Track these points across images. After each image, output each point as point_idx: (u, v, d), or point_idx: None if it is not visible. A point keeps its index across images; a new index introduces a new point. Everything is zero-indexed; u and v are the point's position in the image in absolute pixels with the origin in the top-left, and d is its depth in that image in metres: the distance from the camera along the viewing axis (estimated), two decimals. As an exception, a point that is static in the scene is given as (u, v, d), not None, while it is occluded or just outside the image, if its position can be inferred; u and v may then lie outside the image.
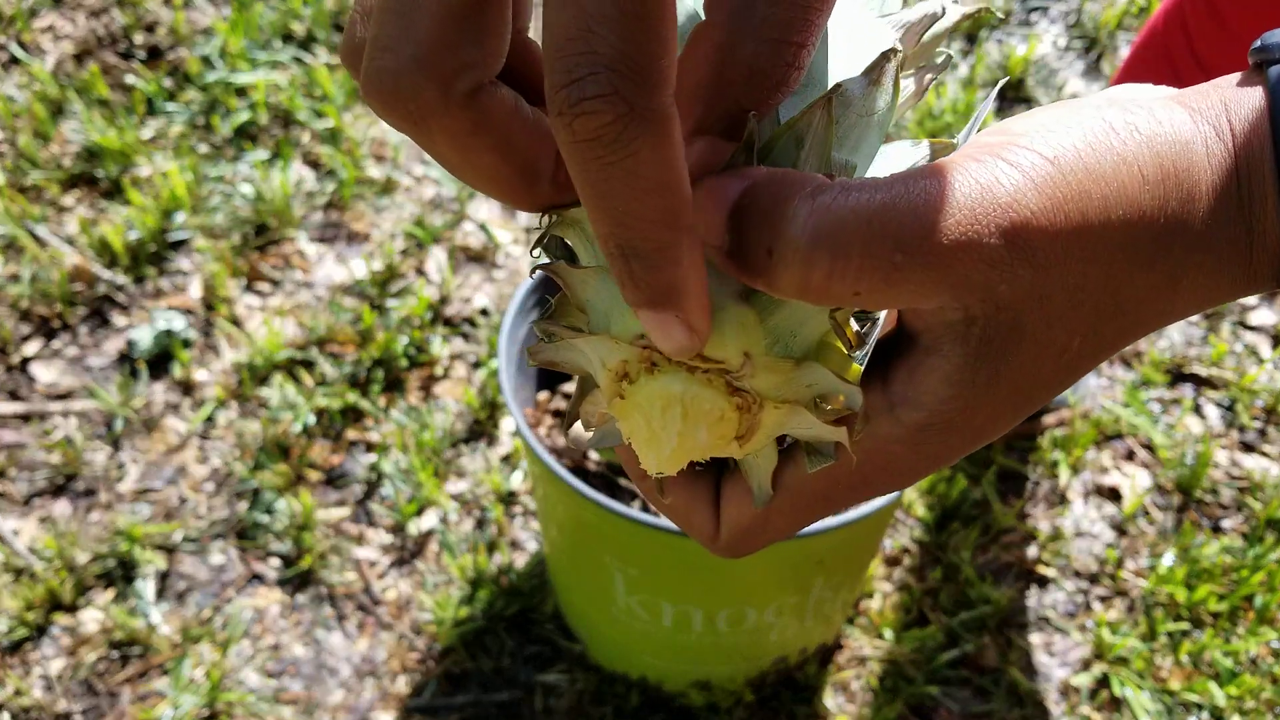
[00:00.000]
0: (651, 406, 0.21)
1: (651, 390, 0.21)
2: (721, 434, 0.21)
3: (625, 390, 0.21)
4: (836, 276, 0.19)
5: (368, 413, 1.12)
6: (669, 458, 0.22)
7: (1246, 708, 0.94)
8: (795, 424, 0.22)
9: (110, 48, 1.49)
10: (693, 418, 0.21)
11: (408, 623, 0.98)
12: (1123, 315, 0.21)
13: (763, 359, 0.21)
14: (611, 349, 0.21)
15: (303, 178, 1.35)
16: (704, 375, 0.21)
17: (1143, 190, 0.20)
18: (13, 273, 1.22)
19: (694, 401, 0.21)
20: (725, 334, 0.20)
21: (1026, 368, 0.20)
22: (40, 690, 0.93)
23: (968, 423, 0.21)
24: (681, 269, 0.19)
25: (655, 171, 0.17)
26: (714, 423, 0.21)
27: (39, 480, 1.07)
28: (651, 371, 0.21)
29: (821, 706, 0.93)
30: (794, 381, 0.21)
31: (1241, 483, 1.12)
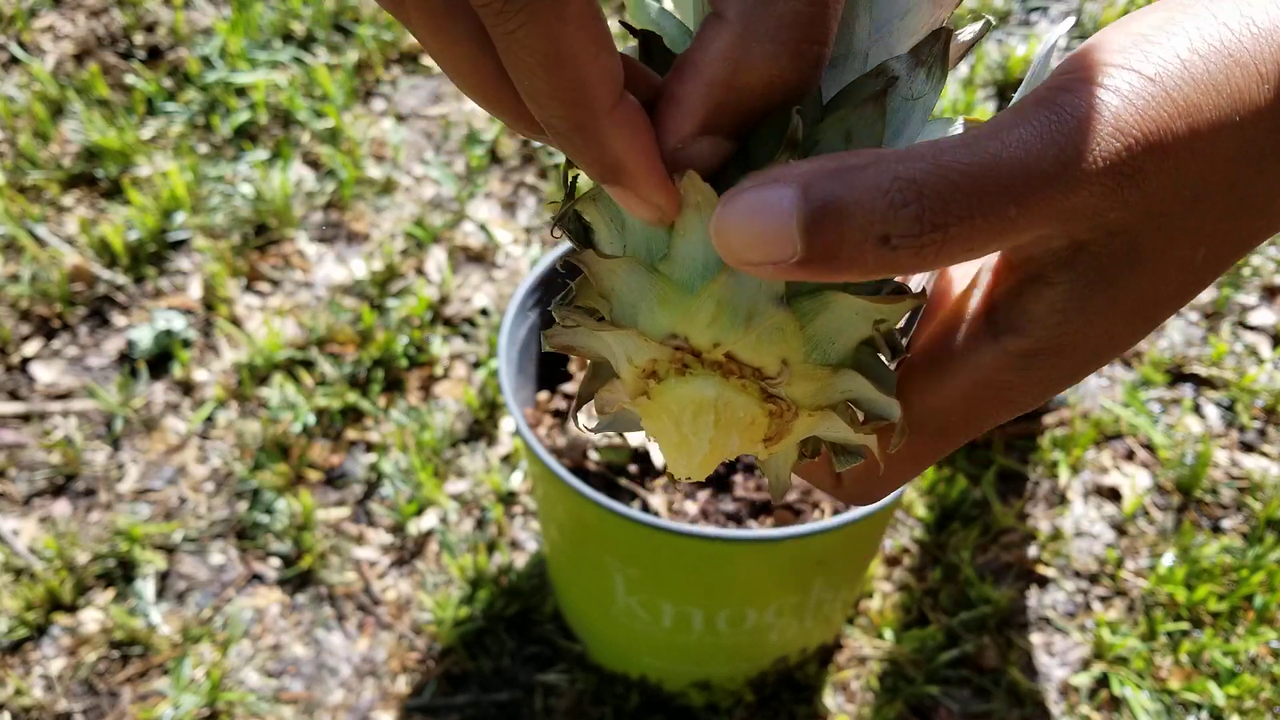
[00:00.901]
0: (682, 410, 0.20)
1: (683, 393, 0.20)
2: (752, 438, 0.21)
3: (653, 389, 0.21)
4: (955, 242, 0.18)
5: (367, 413, 1.12)
6: (699, 464, 0.21)
7: (1246, 707, 0.94)
8: (826, 429, 0.22)
9: (110, 48, 1.49)
10: (725, 424, 0.20)
11: (408, 623, 0.98)
12: (1250, 214, 0.19)
13: (800, 366, 0.20)
14: (640, 346, 0.20)
15: (302, 178, 1.35)
16: (738, 380, 0.20)
17: (1261, 89, 0.18)
18: (12, 272, 1.22)
19: (727, 407, 0.20)
20: (763, 340, 0.20)
21: (1146, 287, 0.19)
22: (40, 690, 0.93)
23: (1081, 347, 0.20)
24: (610, 147, 0.18)
25: (542, 45, 0.17)
26: (746, 428, 0.21)
27: (39, 480, 1.07)
28: (683, 373, 0.20)
29: (821, 706, 0.93)
30: (829, 389, 0.21)
31: (1241, 483, 1.12)
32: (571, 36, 0.17)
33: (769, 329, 0.19)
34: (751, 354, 0.20)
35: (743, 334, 0.19)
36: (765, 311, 0.19)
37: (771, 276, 0.18)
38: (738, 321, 0.19)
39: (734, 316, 0.19)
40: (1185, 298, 0.20)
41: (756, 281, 0.19)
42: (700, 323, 0.20)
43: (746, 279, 0.19)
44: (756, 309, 0.19)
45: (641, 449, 0.81)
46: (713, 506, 0.79)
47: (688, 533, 0.67)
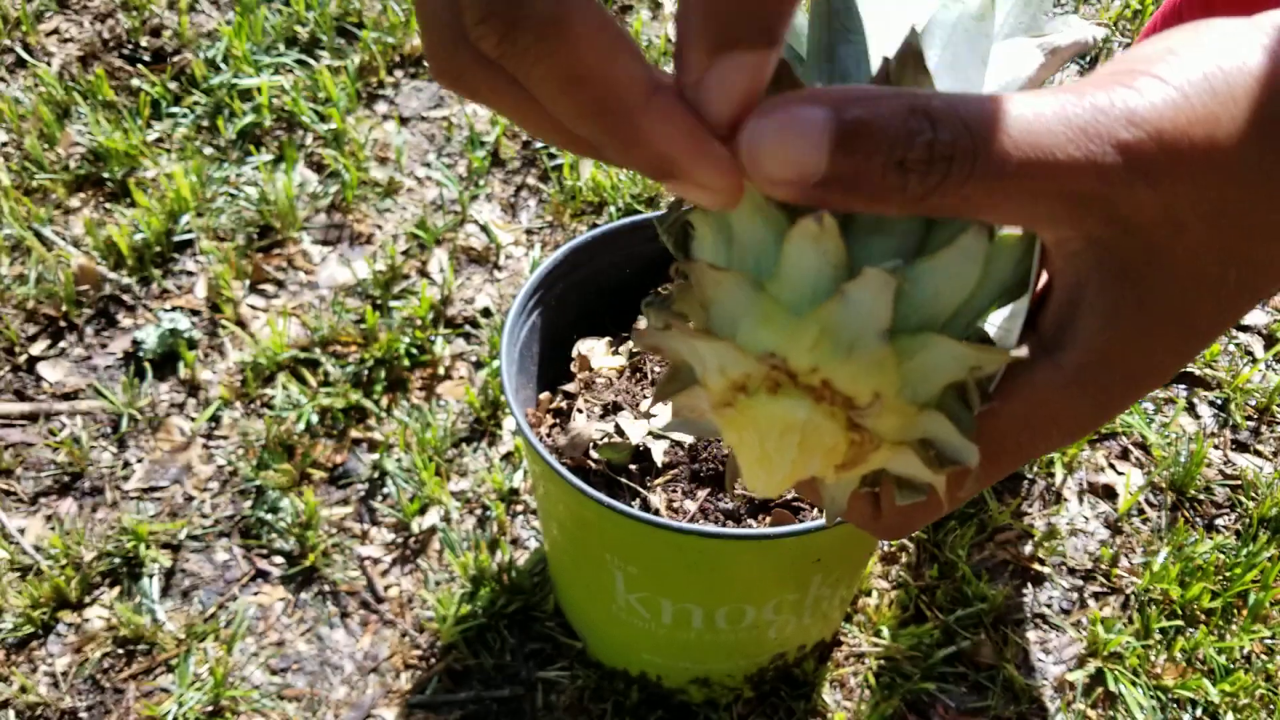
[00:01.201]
0: (769, 428, 0.21)
1: (773, 412, 0.20)
2: (829, 463, 0.21)
3: (740, 403, 0.21)
4: (958, 180, 0.18)
5: (371, 412, 1.13)
6: (778, 482, 0.21)
7: (1240, 704, 0.95)
8: (899, 463, 0.22)
9: (116, 51, 1.50)
10: (809, 446, 0.21)
11: (410, 620, 0.99)
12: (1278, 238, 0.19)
13: (891, 401, 0.20)
14: (736, 359, 0.21)
15: (306, 180, 1.36)
16: (828, 406, 0.20)
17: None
18: (19, 273, 1.24)
19: (814, 432, 0.20)
20: (861, 372, 0.20)
21: (1177, 299, 0.19)
22: (46, 687, 0.94)
23: (1126, 358, 0.20)
24: (651, 146, 0.18)
25: (556, 72, 0.18)
26: (826, 453, 0.21)
27: (45, 479, 1.08)
28: (774, 392, 0.20)
29: (820, 702, 0.94)
30: (913, 427, 0.21)
31: (1235, 481, 1.13)
32: (582, 55, 0.18)
33: (869, 362, 0.20)
34: (847, 384, 0.20)
35: (842, 363, 0.20)
36: (868, 344, 0.20)
37: (793, 198, 0.18)
38: (839, 350, 0.20)
39: (836, 345, 0.20)
40: (1224, 321, 0.20)
41: (863, 314, 0.19)
42: (802, 346, 0.20)
43: (854, 309, 0.19)
44: (859, 341, 0.20)
45: (642, 448, 0.82)
46: (712, 505, 0.80)
47: (687, 530, 0.68)
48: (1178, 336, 0.20)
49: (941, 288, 0.20)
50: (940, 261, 0.20)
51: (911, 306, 0.20)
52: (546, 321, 0.86)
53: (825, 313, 0.19)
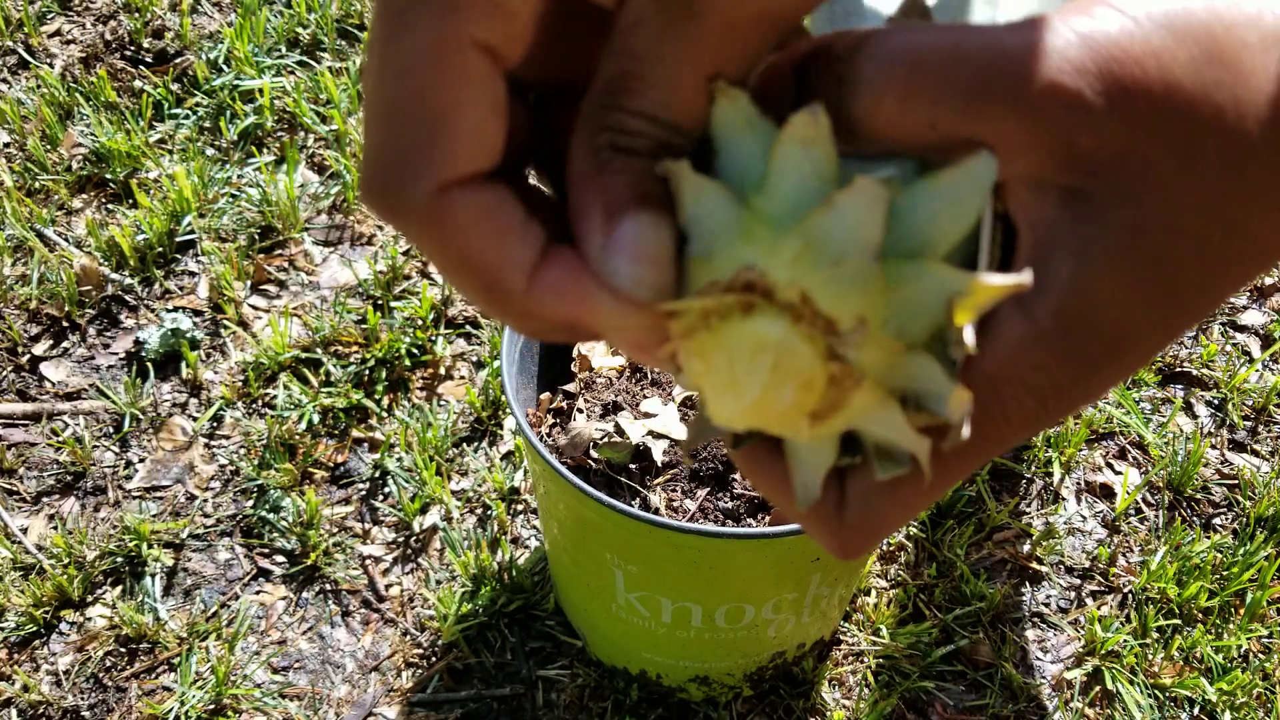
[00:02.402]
0: (740, 348, 0.18)
1: (745, 331, 0.18)
2: (802, 403, 0.19)
3: (712, 326, 0.19)
4: (912, 98, 0.17)
5: (372, 412, 1.14)
6: (745, 410, 0.19)
7: (1237, 703, 0.96)
8: (880, 419, 0.19)
9: (118, 53, 1.51)
10: (782, 370, 0.18)
11: (411, 618, 0.99)
12: (1268, 208, 0.18)
13: (876, 332, 0.18)
14: (712, 275, 0.19)
15: (308, 181, 1.37)
16: (807, 329, 0.18)
17: (1251, 57, 0.17)
18: (22, 274, 1.24)
19: (789, 354, 0.18)
20: (845, 290, 0.18)
21: (1157, 249, 0.18)
22: (48, 686, 0.94)
23: (1105, 308, 0.18)
24: (541, 319, 0.18)
25: (437, 259, 0.18)
26: (801, 385, 0.18)
27: (48, 479, 1.09)
28: (748, 311, 0.18)
29: (819, 701, 0.94)
30: (899, 368, 0.19)
31: (1232, 481, 1.13)
32: (461, 243, 0.18)
33: (855, 280, 0.18)
34: (829, 300, 0.18)
35: (826, 279, 0.18)
36: (855, 261, 0.18)
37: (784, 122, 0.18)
38: (823, 264, 0.18)
39: (820, 258, 0.18)
40: (1212, 288, 0.18)
41: (852, 227, 0.18)
42: (783, 258, 0.18)
43: (842, 221, 0.18)
44: (846, 257, 0.18)
45: (642, 448, 0.83)
46: (711, 504, 0.81)
47: (687, 529, 0.68)
48: (1160, 294, 0.18)
49: (941, 212, 0.18)
50: (942, 183, 0.18)
51: (906, 230, 0.19)
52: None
53: (810, 223, 0.18)
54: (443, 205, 0.17)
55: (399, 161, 0.17)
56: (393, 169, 0.17)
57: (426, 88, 0.17)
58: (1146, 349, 0.19)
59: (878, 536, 0.21)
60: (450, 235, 0.18)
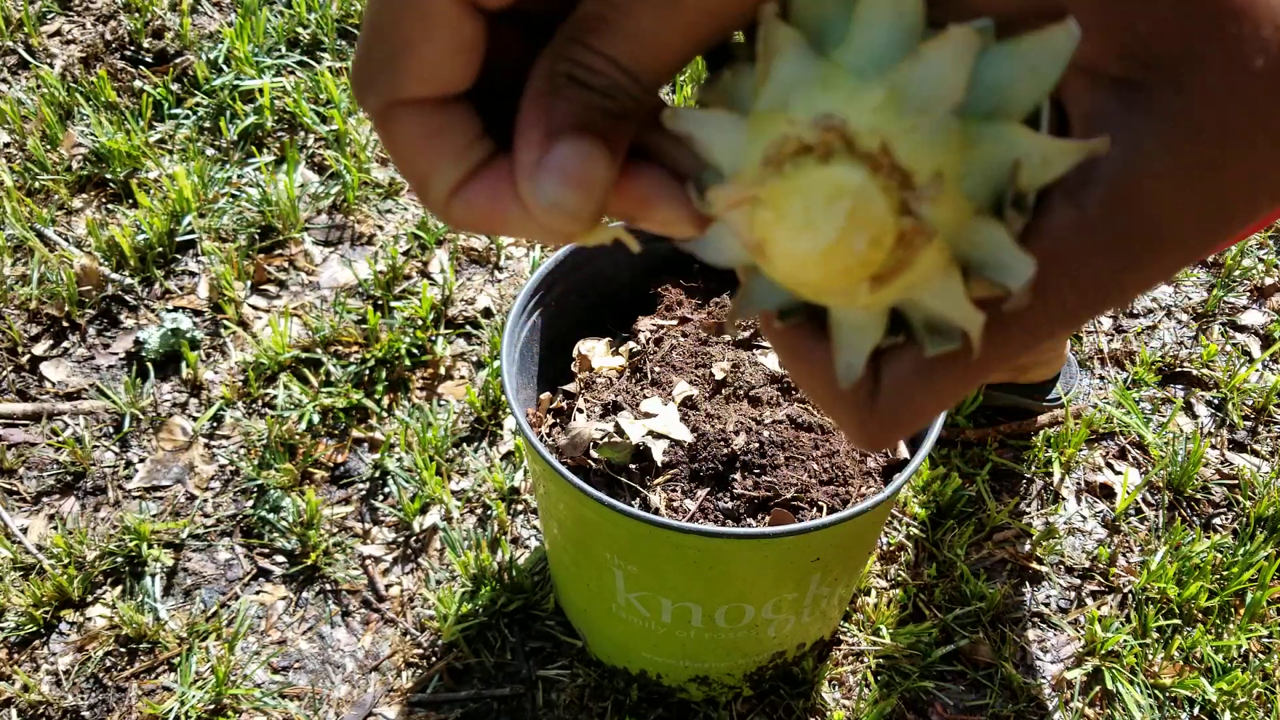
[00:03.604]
0: (817, 192, 0.18)
1: (824, 175, 0.18)
2: (869, 260, 0.18)
3: (786, 173, 0.18)
4: None
5: (372, 412, 1.14)
6: (817, 257, 0.19)
7: (1237, 703, 0.96)
8: (939, 288, 0.19)
9: (118, 53, 1.51)
10: (857, 219, 0.18)
11: (411, 618, 0.99)
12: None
13: (950, 188, 0.18)
14: (787, 126, 0.18)
15: (308, 181, 1.37)
16: (884, 179, 0.18)
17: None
18: (22, 274, 1.24)
19: (866, 203, 0.18)
20: (925, 143, 0.18)
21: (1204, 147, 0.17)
22: (48, 686, 0.94)
23: (1150, 203, 0.18)
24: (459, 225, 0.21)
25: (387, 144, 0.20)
26: (873, 239, 0.18)
27: (48, 479, 1.09)
28: (826, 159, 0.18)
29: (819, 701, 0.94)
30: (967, 232, 0.18)
31: (1231, 481, 1.13)
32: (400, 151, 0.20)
33: (936, 134, 0.18)
34: (909, 152, 0.18)
35: (908, 130, 0.18)
36: (937, 115, 0.18)
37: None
38: (906, 115, 0.18)
39: (903, 109, 0.18)
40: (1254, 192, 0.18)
41: (938, 79, 0.17)
42: (866, 106, 0.18)
43: (929, 72, 0.17)
44: (929, 109, 0.18)
45: (642, 447, 0.83)
46: (711, 504, 0.81)
47: (687, 530, 0.68)
48: (1205, 193, 0.18)
49: (1019, 77, 0.18)
50: (1023, 47, 0.18)
51: (986, 90, 0.18)
52: (547, 322, 0.87)
53: (896, 75, 0.18)
54: (389, 118, 0.20)
55: (364, 73, 0.20)
56: (360, 76, 0.20)
57: (394, 20, 0.19)
58: (1186, 250, 0.18)
59: (908, 426, 0.21)
60: (392, 144, 0.20)
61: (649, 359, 0.87)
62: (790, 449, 0.81)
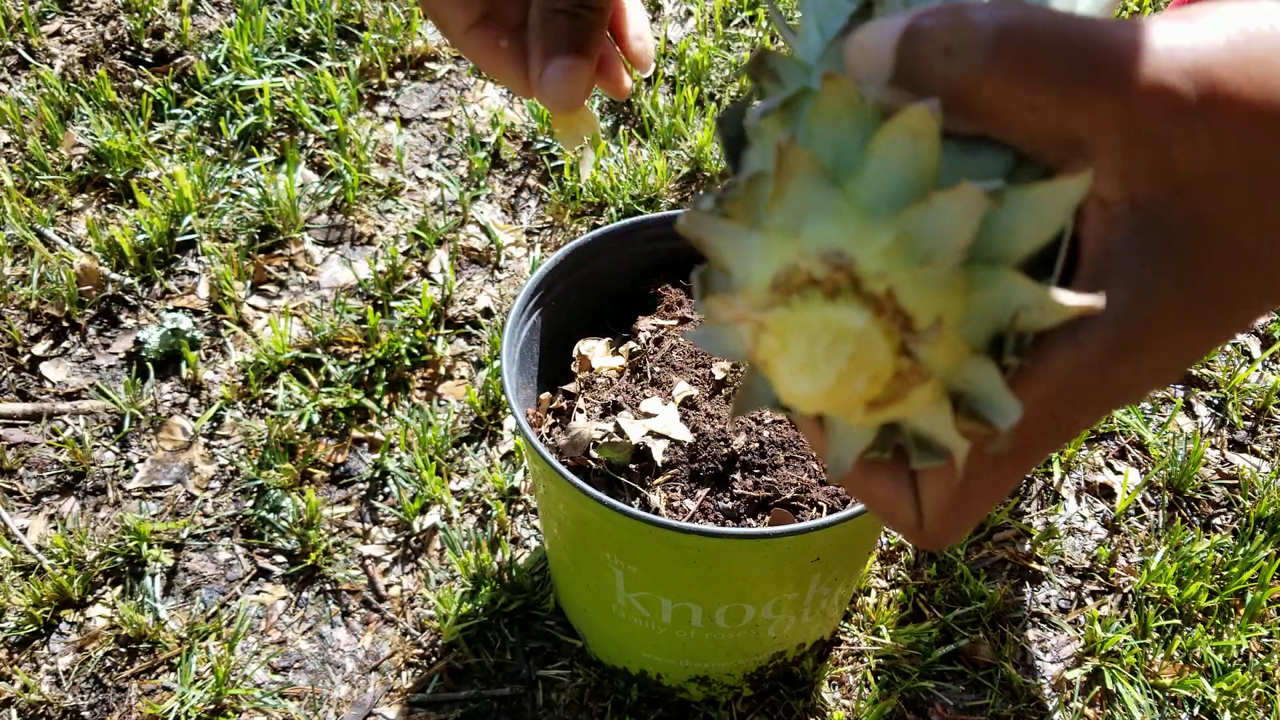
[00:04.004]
0: (821, 332, 0.19)
1: (828, 316, 0.19)
2: (866, 393, 0.19)
3: (793, 304, 0.19)
4: (1020, 75, 0.17)
5: (372, 412, 1.14)
6: (820, 393, 0.19)
7: (1237, 703, 0.96)
8: (929, 416, 0.20)
9: (118, 53, 1.51)
10: (858, 362, 0.19)
11: (411, 618, 0.99)
12: None
13: (950, 333, 0.19)
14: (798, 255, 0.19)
15: (308, 181, 1.37)
16: (886, 322, 0.18)
17: None
18: (22, 274, 1.24)
19: (867, 347, 0.19)
20: (930, 288, 0.18)
21: (1216, 278, 0.18)
22: (48, 686, 0.94)
23: (1158, 339, 0.18)
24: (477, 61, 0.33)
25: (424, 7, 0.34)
26: (871, 377, 0.19)
27: (48, 479, 1.09)
28: (832, 296, 0.19)
29: (819, 700, 0.94)
30: (960, 370, 0.19)
31: (1232, 481, 1.14)
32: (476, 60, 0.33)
33: (940, 279, 0.18)
34: (913, 299, 0.18)
35: (913, 275, 0.18)
36: (943, 261, 0.18)
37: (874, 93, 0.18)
38: (913, 260, 0.18)
39: (911, 253, 0.18)
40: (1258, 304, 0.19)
41: (946, 228, 0.18)
42: (875, 248, 0.18)
43: (938, 221, 0.18)
44: (935, 255, 0.18)
45: (642, 448, 0.83)
46: (711, 504, 0.81)
47: (687, 530, 0.68)
48: (1212, 321, 0.19)
49: (1024, 225, 0.19)
50: (1032, 196, 0.18)
51: (991, 237, 0.19)
52: (547, 322, 0.87)
53: (906, 218, 0.18)
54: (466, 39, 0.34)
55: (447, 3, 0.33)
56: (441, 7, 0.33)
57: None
58: (1188, 365, 0.19)
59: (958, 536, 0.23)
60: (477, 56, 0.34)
61: (649, 359, 0.87)
62: (790, 449, 0.81)
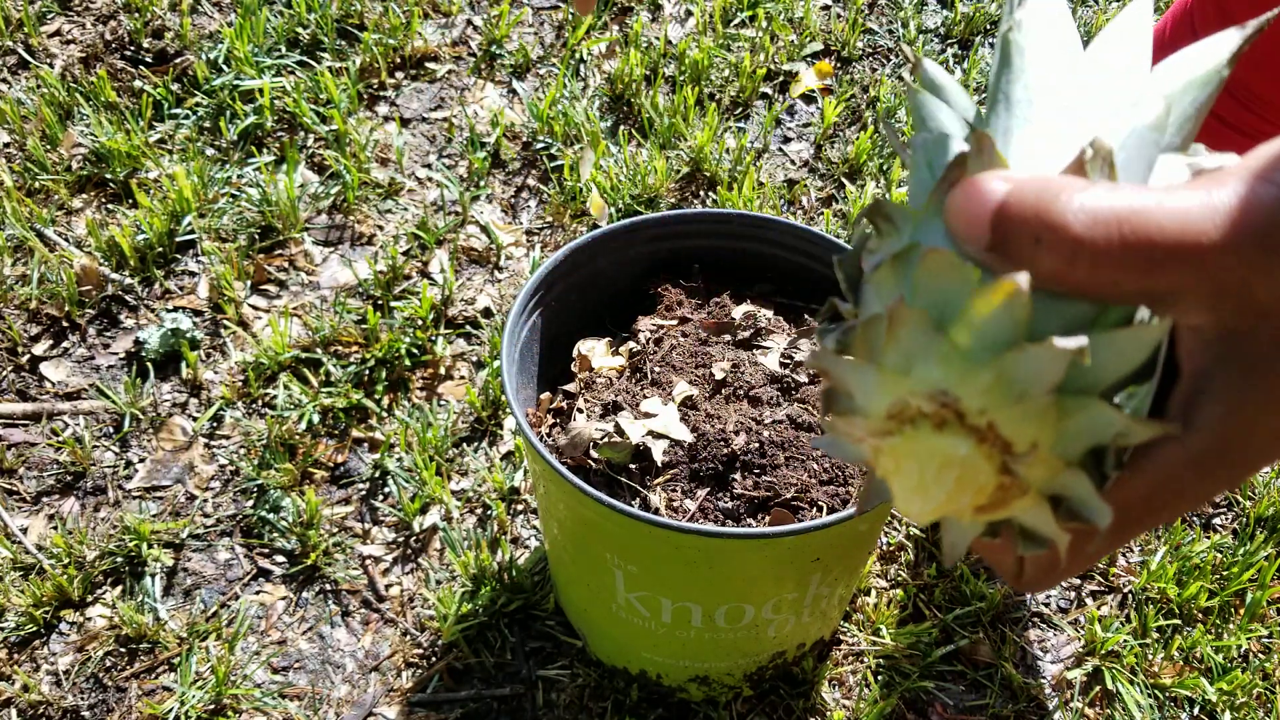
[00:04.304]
0: (930, 460, 0.22)
1: (937, 446, 0.22)
2: (975, 502, 0.23)
3: (906, 434, 0.23)
4: (1102, 263, 0.20)
5: (372, 412, 1.14)
6: (931, 511, 0.23)
7: (1237, 703, 0.96)
8: (1032, 515, 0.23)
9: (118, 53, 1.51)
10: (964, 483, 0.22)
11: (411, 618, 0.99)
12: None
13: (1045, 453, 0.22)
14: (909, 392, 0.22)
15: (308, 181, 1.37)
16: (988, 448, 0.22)
17: None
18: (22, 274, 1.24)
19: (971, 469, 0.22)
20: (1025, 421, 0.21)
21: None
22: (48, 686, 0.94)
23: (1249, 444, 0.22)
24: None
25: None
26: (977, 491, 0.22)
27: (48, 479, 1.09)
28: (940, 427, 0.22)
29: (819, 701, 0.94)
30: (1057, 480, 0.23)
31: (1233, 482, 1.13)
32: None
33: (1034, 413, 0.21)
34: (1011, 429, 0.21)
35: (1011, 410, 0.21)
36: (1036, 397, 0.21)
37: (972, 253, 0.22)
38: (1009, 398, 0.21)
39: (1008, 393, 0.21)
40: None
41: (1039, 371, 0.21)
42: (976, 388, 0.21)
43: (1031, 365, 0.21)
44: (1029, 392, 0.21)
45: (642, 448, 0.83)
46: (711, 504, 0.81)
47: (687, 530, 0.68)
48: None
49: (1109, 361, 0.22)
50: (1117, 340, 0.22)
51: (1079, 371, 0.22)
52: (547, 322, 0.87)
53: (1004, 362, 0.21)
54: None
55: None
56: None
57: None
58: (1273, 460, 0.23)
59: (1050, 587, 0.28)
60: None
61: (649, 359, 0.87)
62: (790, 449, 0.81)
